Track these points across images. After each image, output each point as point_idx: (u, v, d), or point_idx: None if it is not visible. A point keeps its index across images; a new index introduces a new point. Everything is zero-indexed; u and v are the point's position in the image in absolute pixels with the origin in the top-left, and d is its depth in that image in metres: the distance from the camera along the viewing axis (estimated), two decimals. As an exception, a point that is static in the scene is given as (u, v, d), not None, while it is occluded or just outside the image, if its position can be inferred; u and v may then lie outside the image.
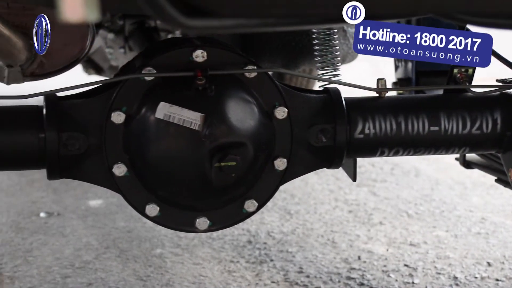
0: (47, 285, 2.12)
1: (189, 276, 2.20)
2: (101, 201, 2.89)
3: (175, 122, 1.44)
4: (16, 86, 1.61)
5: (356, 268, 2.27)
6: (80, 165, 1.49)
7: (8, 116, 1.46)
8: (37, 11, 1.55)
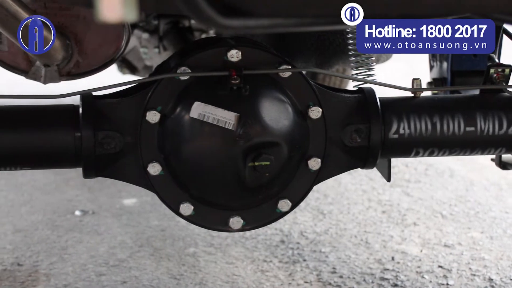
0: (82, 282, 2.14)
1: (222, 275, 2.21)
2: (135, 199, 2.91)
3: (209, 121, 1.45)
4: (52, 85, 1.63)
5: (389, 269, 2.26)
6: (116, 164, 1.50)
7: (45, 115, 1.47)
8: (74, 11, 1.57)
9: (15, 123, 1.45)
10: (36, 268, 2.23)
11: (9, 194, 2.98)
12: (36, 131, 1.45)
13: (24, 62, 1.60)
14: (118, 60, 1.71)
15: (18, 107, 1.48)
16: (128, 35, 1.60)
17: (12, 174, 3.17)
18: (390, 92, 1.55)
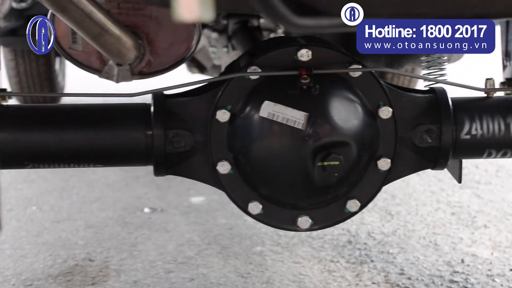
0: (151, 279, 2.17)
1: (289, 275, 2.21)
2: (203, 198, 2.94)
3: (279, 120, 1.45)
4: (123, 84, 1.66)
5: (459, 271, 2.23)
6: (185, 162, 1.52)
7: (118, 113, 1.50)
8: (146, 11, 1.59)
9: (89, 121, 1.48)
10: (107, 263, 2.27)
11: (81, 191, 3.04)
12: (109, 129, 1.47)
13: (98, 61, 1.63)
14: (188, 59, 1.72)
15: (91, 105, 1.51)
16: (199, 35, 1.62)
17: (84, 172, 3.24)
18: (462, 93, 1.53)
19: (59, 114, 1.49)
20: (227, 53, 2.86)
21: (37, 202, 2.88)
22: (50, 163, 1.47)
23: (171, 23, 1.59)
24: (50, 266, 2.25)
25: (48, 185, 3.11)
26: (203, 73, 3.35)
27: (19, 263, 2.26)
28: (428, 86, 1.60)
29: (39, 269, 2.22)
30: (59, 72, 4.25)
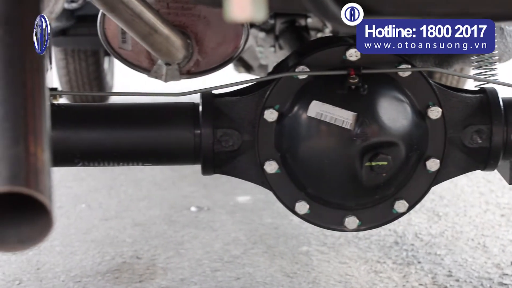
0: (197, 277, 2.18)
1: (335, 275, 2.20)
2: (249, 197, 2.94)
3: (326, 120, 1.45)
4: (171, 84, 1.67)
5: (509, 274, 2.19)
6: (233, 161, 1.52)
7: (167, 112, 1.51)
8: (195, 10, 1.60)
9: (139, 120, 1.49)
10: (154, 261, 2.29)
11: (129, 189, 3.07)
12: (158, 128, 1.49)
13: (147, 60, 1.64)
14: (236, 59, 1.73)
15: (141, 104, 1.53)
16: (247, 34, 1.62)
17: (132, 170, 3.27)
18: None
19: (109, 113, 1.50)
20: (274, 52, 2.86)
21: (86, 200, 2.92)
22: (100, 161, 1.49)
23: (220, 23, 1.60)
24: (99, 263, 2.28)
25: (96, 183, 3.15)
26: (250, 73, 3.35)
27: (68, 260, 2.29)
28: (478, 86, 1.58)
29: (88, 266, 2.25)
30: (107, 71, 4.31)
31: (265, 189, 1.54)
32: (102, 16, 1.59)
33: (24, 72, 0.81)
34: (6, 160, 0.75)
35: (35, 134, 0.78)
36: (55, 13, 1.04)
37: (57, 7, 1.03)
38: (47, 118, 0.81)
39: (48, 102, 0.84)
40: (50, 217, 0.75)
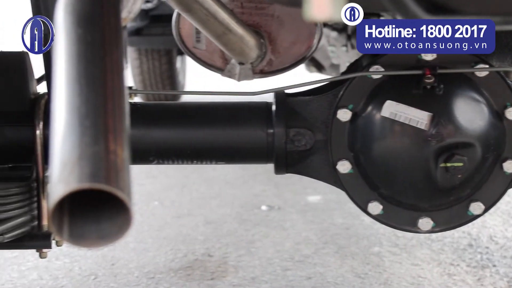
0: (268, 276, 2.19)
1: (408, 277, 2.18)
2: (319, 197, 2.94)
3: (401, 120, 1.43)
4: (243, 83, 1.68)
5: None
6: (306, 161, 1.52)
7: (240, 111, 1.52)
8: (269, 10, 1.60)
9: (213, 119, 1.51)
10: (225, 259, 2.31)
11: (201, 187, 3.10)
12: (232, 127, 1.50)
13: (220, 60, 1.66)
14: (309, 58, 1.73)
15: (215, 103, 1.54)
16: (320, 34, 1.62)
17: (204, 168, 3.30)
18: None
19: (184, 111, 1.52)
20: (346, 52, 2.85)
21: (159, 198, 2.96)
22: (174, 159, 1.51)
23: (293, 22, 1.60)
24: (171, 260, 2.31)
25: (169, 181, 3.19)
26: (321, 72, 3.34)
27: (142, 256, 2.33)
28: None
29: (160, 263, 2.28)
30: (180, 70, 4.36)
31: (336, 189, 1.54)
32: (177, 16, 1.61)
33: (105, 71, 0.83)
34: (87, 158, 0.76)
35: (115, 132, 0.79)
36: (133, 13, 1.06)
37: (135, 7, 1.05)
38: (127, 116, 0.83)
39: (127, 101, 0.85)
40: (129, 214, 0.76)
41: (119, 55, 0.85)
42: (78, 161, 0.76)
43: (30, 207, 1.46)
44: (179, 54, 4.23)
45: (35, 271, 2.20)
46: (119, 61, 0.85)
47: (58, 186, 0.76)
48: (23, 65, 1.48)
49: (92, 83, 0.82)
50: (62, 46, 0.85)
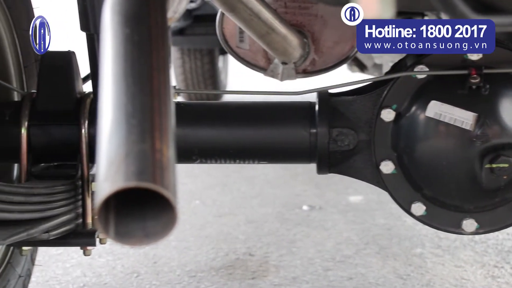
0: (309, 276, 2.18)
1: (450, 278, 2.16)
2: (361, 197, 2.92)
3: (445, 121, 1.42)
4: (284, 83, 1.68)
5: None
6: (348, 161, 1.52)
7: (283, 111, 1.52)
8: (312, 10, 1.60)
9: (255, 119, 1.51)
10: (266, 259, 2.31)
11: (242, 187, 3.11)
12: (274, 126, 1.50)
13: (263, 59, 1.66)
14: (352, 58, 1.72)
15: (257, 103, 1.54)
16: (364, 33, 1.61)
17: (244, 168, 3.31)
18: None
19: (227, 111, 1.53)
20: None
21: (200, 196, 2.97)
22: (216, 158, 1.52)
23: (337, 22, 1.60)
24: (213, 259, 2.31)
25: (210, 180, 3.20)
26: (364, 72, 3.32)
27: (183, 255, 2.34)
28: None
29: (202, 261, 2.29)
30: (222, 70, 4.37)
31: (377, 189, 1.53)
32: (221, 15, 1.61)
33: (151, 70, 0.84)
34: (133, 156, 0.77)
35: (161, 131, 0.80)
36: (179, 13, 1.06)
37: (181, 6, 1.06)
38: (172, 115, 0.83)
39: (173, 100, 0.86)
40: (175, 213, 0.77)
41: (165, 55, 0.86)
42: (124, 159, 0.77)
43: (75, 205, 1.47)
44: (221, 53, 4.25)
45: (79, 268, 2.22)
46: (165, 61, 0.86)
47: (105, 184, 0.76)
48: (70, 65, 1.50)
49: (139, 82, 0.82)
50: (109, 45, 0.86)
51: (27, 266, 1.71)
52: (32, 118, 1.47)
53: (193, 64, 3.99)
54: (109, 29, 0.87)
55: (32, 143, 1.47)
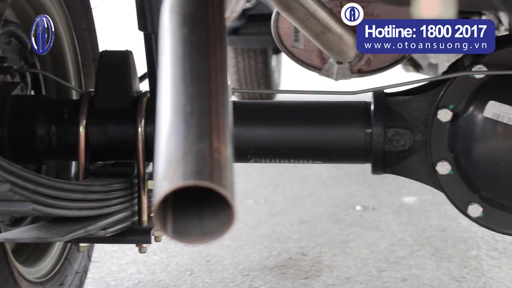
0: (363, 276, 2.17)
1: (507, 281, 2.12)
2: (415, 198, 2.90)
3: (504, 121, 1.40)
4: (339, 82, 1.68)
5: None
6: (404, 161, 1.50)
7: (338, 110, 1.52)
8: (368, 9, 1.59)
9: (311, 118, 1.51)
10: (320, 259, 2.30)
11: (294, 186, 3.11)
12: (330, 126, 1.49)
13: (318, 59, 1.66)
14: (407, 58, 1.71)
15: (312, 102, 1.54)
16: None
17: (297, 167, 3.30)
18: None
19: (282, 110, 1.53)
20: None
21: (253, 196, 2.98)
22: (271, 158, 1.52)
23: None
24: (266, 258, 2.32)
25: (263, 179, 3.20)
26: (419, 72, 3.29)
27: (236, 254, 2.35)
28: None
29: (255, 260, 2.30)
30: (275, 69, 4.38)
31: (431, 190, 1.52)
32: (276, 15, 1.62)
33: (209, 70, 0.84)
34: (191, 156, 0.78)
35: (219, 131, 0.80)
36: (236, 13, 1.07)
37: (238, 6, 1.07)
38: (229, 115, 0.84)
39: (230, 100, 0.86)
40: (232, 212, 0.77)
41: (223, 55, 0.86)
42: (182, 158, 0.78)
43: (131, 203, 1.49)
44: (275, 53, 4.25)
45: (134, 265, 2.25)
46: (223, 61, 0.86)
47: (163, 183, 0.77)
48: (127, 64, 1.52)
49: (197, 82, 0.83)
50: (167, 45, 0.87)
51: (84, 263, 1.73)
52: (90, 117, 1.49)
53: (246, 64, 4.00)
54: (168, 29, 0.88)
55: (89, 141, 1.49)
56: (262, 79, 4.10)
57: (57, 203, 1.23)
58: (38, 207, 1.17)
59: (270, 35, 1.66)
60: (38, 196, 1.17)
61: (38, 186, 1.17)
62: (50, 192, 1.21)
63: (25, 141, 1.49)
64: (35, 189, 1.16)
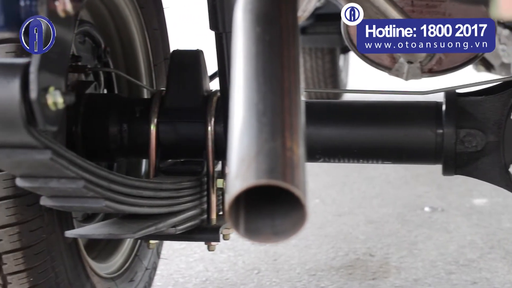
0: (431, 278, 2.14)
1: None
2: (485, 200, 2.85)
3: None
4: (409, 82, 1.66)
5: None
6: (475, 162, 1.48)
7: (409, 110, 1.50)
8: (440, 8, 1.57)
9: (380, 118, 1.50)
10: (387, 260, 2.28)
11: (361, 186, 3.09)
12: (400, 126, 1.48)
13: (388, 59, 1.64)
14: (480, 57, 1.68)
15: (382, 102, 1.53)
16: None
17: (364, 168, 3.28)
18: None
19: (351, 110, 1.52)
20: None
21: (320, 195, 2.97)
22: (340, 157, 1.51)
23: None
24: (332, 258, 2.31)
25: (330, 179, 3.19)
26: (490, 72, 3.23)
27: (303, 253, 2.35)
28: None
29: (322, 260, 2.29)
30: (342, 69, 4.35)
31: (503, 192, 1.49)
32: (346, 14, 1.61)
33: (282, 69, 0.84)
34: (264, 154, 0.78)
35: (292, 130, 0.80)
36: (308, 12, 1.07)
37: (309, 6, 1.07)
38: (302, 114, 0.84)
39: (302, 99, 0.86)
40: (304, 211, 0.77)
41: (296, 54, 0.86)
42: (255, 157, 0.78)
43: (200, 201, 1.50)
44: (342, 52, 4.23)
45: (201, 263, 2.27)
46: (295, 60, 0.86)
47: (236, 181, 0.78)
48: (198, 63, 1.53)
49: (270, 81, 0.83)
50: (240, 44, 0.87)
51: (153, 259, 1.76)
52: (161, 115, 1.51)
53: (313, 63, 3.99)
54: (241, 28, 0.88)
55: (160, 140, 1.51)
56: (329, 79, 4.08)
57: (129, 200, 1.25)
58: (111, 204, 1.19)
59: (338, 34, 1.66)
60: (110, 193, 1.19)
61: (111, 184, 1.19)
62: (122, 189, 1.23)
63: (97, 139, 1.51)
64: (108, 186, 1.18)
